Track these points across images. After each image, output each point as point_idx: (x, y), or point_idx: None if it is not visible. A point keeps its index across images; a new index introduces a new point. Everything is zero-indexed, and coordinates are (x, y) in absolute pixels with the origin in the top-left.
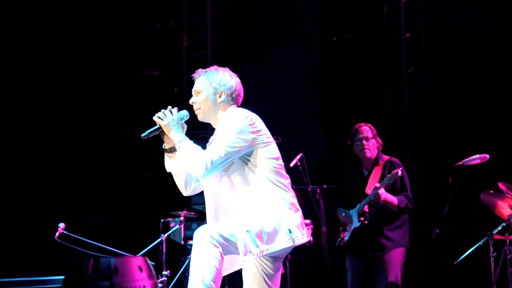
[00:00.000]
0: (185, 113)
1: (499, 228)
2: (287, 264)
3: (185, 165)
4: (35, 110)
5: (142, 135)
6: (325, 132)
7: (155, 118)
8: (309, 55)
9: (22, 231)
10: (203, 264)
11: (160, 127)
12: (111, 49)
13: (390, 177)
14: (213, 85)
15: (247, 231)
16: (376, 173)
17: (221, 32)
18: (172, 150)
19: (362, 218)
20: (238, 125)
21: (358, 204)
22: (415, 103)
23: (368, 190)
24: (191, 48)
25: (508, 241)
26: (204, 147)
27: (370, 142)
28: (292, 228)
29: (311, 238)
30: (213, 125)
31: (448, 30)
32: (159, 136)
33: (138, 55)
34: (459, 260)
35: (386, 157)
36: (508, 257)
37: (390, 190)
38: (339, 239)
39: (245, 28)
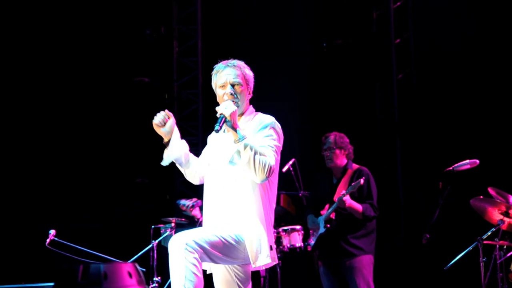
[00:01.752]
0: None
1: (489, 233)
2: (278, 269)
3: (245, 167)
4: (24, 117)
5: (216, 129)
6: (316, 138)
7: (222, 110)
8: (299, 61)
9: (13, 237)
10: (183, 272)
11: (222, 117)
12: (102, 55)
13: (354, 186)
14: (247, 81)
15: (237, 240)
16: (345, 181)
17: (211, 38)
18: (168, 143)
19: (328, 225)
20: (279, 131)
21: (325, 211)
22: (405, 109)
23: (336, 198)
24: (181, 54)
25: (497, 246)
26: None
27: (333, 153)
28: (272, 246)
29: (302, 244)
30: None
31: (437, 35)
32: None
33: (128, 62)
34: (449, 265)
35: (355, 166)
36: (498, 262)
37: (357, 197)
38: (306, 243)
39: (236, 34)
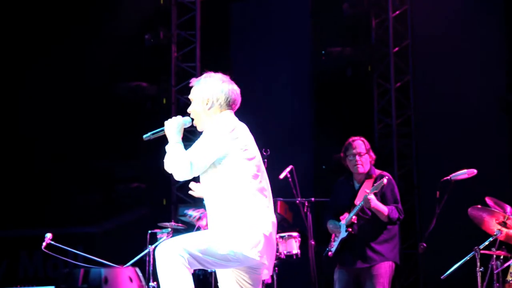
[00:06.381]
0: (188, 119)
1: (486, 243)
2: (275, 276)
3: (168, 166)
4: (21, 120)
5: (144, 136)
6: (313, 145)
7: (167, 125)
8: (298, 69)
9: (10, 241)
10: (173, 278)
11: (162, 130)
12: (101, 60)
13: (377, 186)
14: (202, 93)
15: (223, 244)
16: (367, 186)
17: (210, 44)
18: None
19: (350, 229)
20: (217, 131)
21: (347, 215)
22: (403, 117)
23: (357, 201)
24: (180, 59)
25: (494, 256)
26: None
27: (363, 158)
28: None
29: (299, 251)
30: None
31: (435, 45)
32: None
33: (127, 66)
34: (446, 274)
35: (378, 171)
36: (495, 272)
37: (381, 202)
38: (327, 249)
39: (234, 40)
